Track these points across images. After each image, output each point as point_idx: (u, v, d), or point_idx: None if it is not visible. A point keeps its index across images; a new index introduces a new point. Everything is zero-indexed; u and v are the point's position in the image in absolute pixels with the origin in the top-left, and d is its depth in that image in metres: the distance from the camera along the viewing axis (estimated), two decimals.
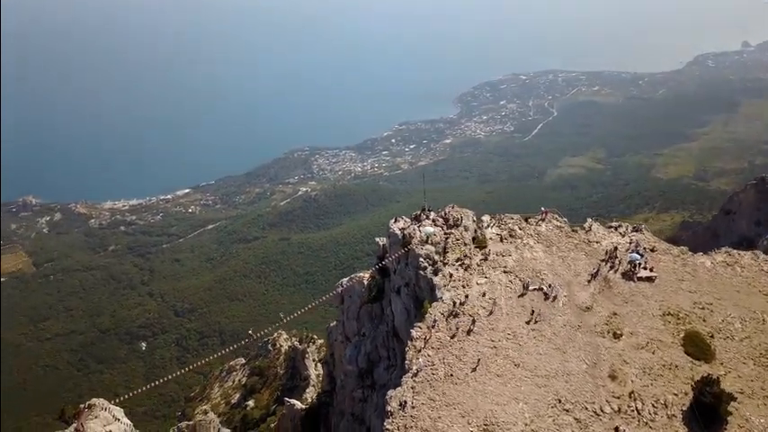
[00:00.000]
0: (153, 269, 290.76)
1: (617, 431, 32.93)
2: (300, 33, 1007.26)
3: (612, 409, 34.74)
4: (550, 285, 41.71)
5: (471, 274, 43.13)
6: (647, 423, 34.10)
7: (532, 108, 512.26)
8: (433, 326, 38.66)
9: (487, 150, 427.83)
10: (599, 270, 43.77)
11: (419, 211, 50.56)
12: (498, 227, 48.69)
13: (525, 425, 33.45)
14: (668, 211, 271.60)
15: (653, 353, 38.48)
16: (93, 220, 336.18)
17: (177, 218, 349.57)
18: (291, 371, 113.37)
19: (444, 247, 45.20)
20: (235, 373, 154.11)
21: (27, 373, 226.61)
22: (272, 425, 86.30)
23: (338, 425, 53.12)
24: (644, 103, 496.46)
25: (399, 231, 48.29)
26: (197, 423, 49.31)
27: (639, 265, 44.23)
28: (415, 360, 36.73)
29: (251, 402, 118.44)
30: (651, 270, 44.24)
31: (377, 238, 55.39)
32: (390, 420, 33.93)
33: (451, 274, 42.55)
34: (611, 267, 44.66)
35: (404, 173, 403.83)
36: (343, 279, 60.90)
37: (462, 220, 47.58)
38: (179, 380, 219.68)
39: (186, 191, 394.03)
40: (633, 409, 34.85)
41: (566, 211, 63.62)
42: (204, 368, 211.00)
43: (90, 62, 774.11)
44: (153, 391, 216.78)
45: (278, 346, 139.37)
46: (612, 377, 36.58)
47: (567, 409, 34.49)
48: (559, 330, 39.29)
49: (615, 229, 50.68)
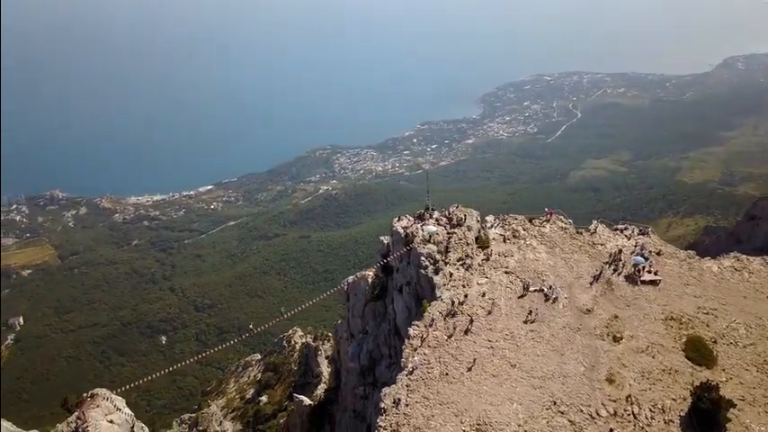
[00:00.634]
0: (174, 264, 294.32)
1: None
2: (325, 32, 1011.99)
3: (608, 412, 34.42)
4: (551, 287, 41.48)
5: (472, 273, 43.11)
6: (643, 428, 33.72)
7: (556, 109, 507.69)
8: (430, 324, 38.75)
9: (510, 151, 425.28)
10: (602, 272, 43.39)
11: (423, 210, 50.70)
12: (502, 227, 48.58)
13: (518, 425, 33.31)
14: (693, 215, 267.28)
15: (653, 357, 38.05)
16: (118, 215, 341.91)
17: (199, 214, 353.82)
18: (304, 368, 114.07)
19: (446, 247, 45.22)
20: (250, 369, 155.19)
21: (51, 363, 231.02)
22: (281, 420, 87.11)
23: (341, 421, 53.49)
24: (671, 106, 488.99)
25: (402, 230, 48.45)
26: (199, 415, 50.05)
27: (644, 268, 43.76)
28: (410, 358, 36.84)
29: (264, 398, 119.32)
30: (655, 273, 43.73)
31: (381, 237, 55.66)
32: (383, 417, 34.10)
33: (452, 274, 42.59)
34: (614, 270, 44.27)
35: (425, 173, 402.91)
36: (349, 277, 61.31)
37: (466, 220, 47.54)
38: (197, 374, 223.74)
39: (209, 187, 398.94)
40: (629, 413, 34.49)
41: (587, 214, 63.36)
42: (223, 363, 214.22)
43: (118, 60, 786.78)
44: (172, 385, 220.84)
45: (293, 342, 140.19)
46: (610, 380, 36.25)
47: (562, 411, 34.27)
48: (558, 332, 39.07)
49: (621, 231, 50.16)
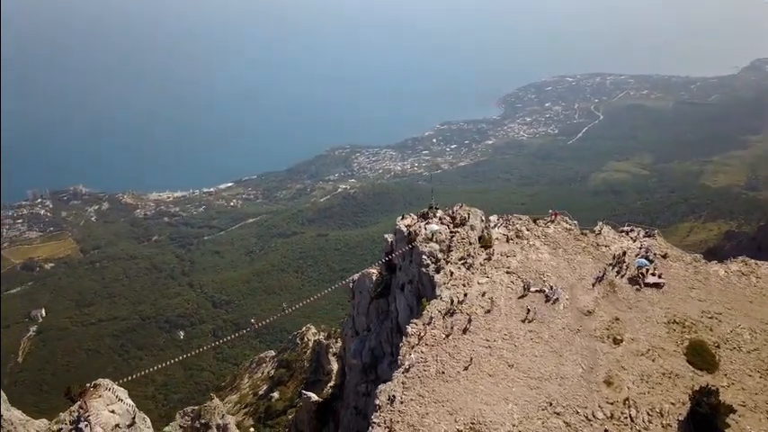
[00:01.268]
0: (194, 260, 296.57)
1: None
2: (347, 32, 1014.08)
3: (605, 414, 34.17)
4: (552, 288, 41.24)
5: (473, 273, 43.02)
6: (640, 431, 33.49)
7: (578, 111, 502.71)
8: (429, 323, 38.77)
9: (530, 152, 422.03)
10: (605, 274, 43.02)
11: (426, 209, 50.70)
12: (505, 227, 48.41)
13: (513, 425, 33.21)
14: (716, 220, 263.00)
15: (653, 360, 37.68)
16: (139, 211, 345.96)
17: (219, 211, 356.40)
18: (315, 365, 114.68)
19: (449, 246, 45.19)
20: (264, 365, 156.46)
21: (71, 355, 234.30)
22: (290, 416, 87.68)
23: (344, 418, 53.73)
24: (695, 108, 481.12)
25: (405, 228, 48.54)
26: (202, 408, 50.66)
27: (647, 270, 43.29)
28: (407, 356, 36.91)
29: (276, 394, 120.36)
30: (659, 276, 43.26)
31: (385, 235, 55.76)
32: (378, 414, 34.24)
33: (452, 273, 42.55)
34: (617, 272, 43.87)
35: (443, 173, 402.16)
36: (355, 274, 61.51)
37: (469, 219, 47.45)
38: (214, 369, 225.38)
39: (229, 185, 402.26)
40: (626, 416, 34.21)
41: (607, 218, 62.80)
42: (239, 359, 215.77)
43: (143, 59, 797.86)
44: (189, 380, 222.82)
45: (306, 340, 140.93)
46: (608, 383, 35.97)
47: (558, 413, 34.09)
48: (557, 333, 38.85)
49: (627, 233, 49.66)
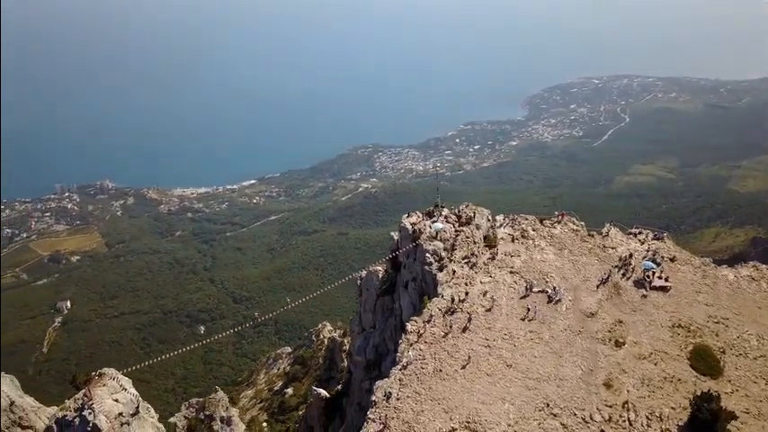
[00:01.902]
0: (215, 256, 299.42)
1: None
2: (374, 31, 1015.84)
3: (603, 417, 33.86)
4: (555, 288, 40.91)
5: (476, 272, 42.87)
6: None
7: (604, 113, 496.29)
8: (429, 321, 38.77)
9: (554, 154, 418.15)
10: (610, 276, 42.53)
11: (432, 207, 50.67)
12: (511, 227, 48.15)
13: (509, 425, 33.07)
14: (743, 226, 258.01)
15: (655, 364, 37.19)
16: (163, 206, 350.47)
17: (242, 207, 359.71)
18: (329, 362, 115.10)
19: (453, 244, 45.11)
20: (280, 361, 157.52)
21: (95, 347, 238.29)
22: (300, 412, 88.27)
23: (349, 414, 53.97)
24: (724, 112, 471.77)
25: (410, 226, 48.56)
26: (206, 400, 51.35)
27: (654, 273, 42.68)
28: (405, 353, 36.97)
29: (290, 390, 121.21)
30: (666, 280, 42.63)
31: (392, 232, 55.83)
32: (373, 410, 34.36)
33: (455, 271, 42.45)
34: (623, 274, 43.33)
35: (466, 173, 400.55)
36: (362, 272, 61.71)
37: (475, 219, 47.29)
38: (233, 364, 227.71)
39: (252, 182, 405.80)
40: (625, 420, 33.86)
41: (631, 221, 62.16)
42: (258, 354, 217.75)
43: (168, 57, 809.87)
44: (208, 374, 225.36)
45: (321, 337, 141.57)
46: (608, 385, 35.62)
47: (555, 414, 33.86)
48: (558, 334, 38.54)
49: (635, 236, 48.97)
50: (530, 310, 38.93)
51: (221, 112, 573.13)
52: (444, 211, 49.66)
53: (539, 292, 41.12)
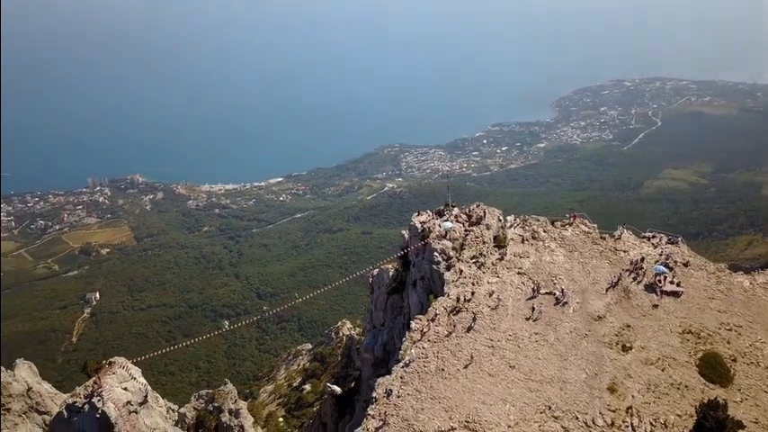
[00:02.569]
0: (241, 252, 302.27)
1: None
2: (404, 30, 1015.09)
3: (605, 422, 33.43)
4: (563, 290, 40.47)
5: (484, 272, 42.64)
6: None
7: (635, 116, 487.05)
8: (433, 319, 38.71)
9: (583, 157, 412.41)
10: (620, 280, 41.90)
11: (443, 206, 50.52)
12: (522, 228, 47.73)
13: (509, 426, 32.87)
14: None
15: (662, 370, 36.56)
16: (191, 201, 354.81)
17: (268, 205, 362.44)
18: (346, 360, 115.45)
19: (462, 244, 44.94)
20: (300, 358, 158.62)
21: (121, 338, 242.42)
22: (315, 408, 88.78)
23: (358, 411, 54.19)
24: (760, 117, 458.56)
25: (420, 225, 48.50)
26: (216, 392, 52.06)
27: (665, 278, 41.91)
28: (408, 351, 36.98)
29: (307, 386, 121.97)
30: (678, 285, 41.81)
31: (402, 231, 55.82)
32: (373, 407, 34.47)
33: (462, 271, 42.28)
34: (634, 278, 42.64)
35: (493, 175, 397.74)
36: (375, 270, 61.80)
37: (485, 218, 47.02)
38: (256, 360, 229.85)
39: (279, 179, 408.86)
40: (628, 425, 33.40)
41: (660, 227, 61.33)
42: (280, 350, 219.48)
43: (200, 56, 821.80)
44: (231, 369, 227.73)
45: (340, 335, 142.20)
46: (612, 390, 35.14)
47: (556, 417, 33.55)
48: (564, 337, 38.14)
49: (648, 239, 48.11)
50: (534, 309, 38.58)
51: (251, 110, 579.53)
52: (455, 211, 49.50)
53: (546, 293, 40.73)
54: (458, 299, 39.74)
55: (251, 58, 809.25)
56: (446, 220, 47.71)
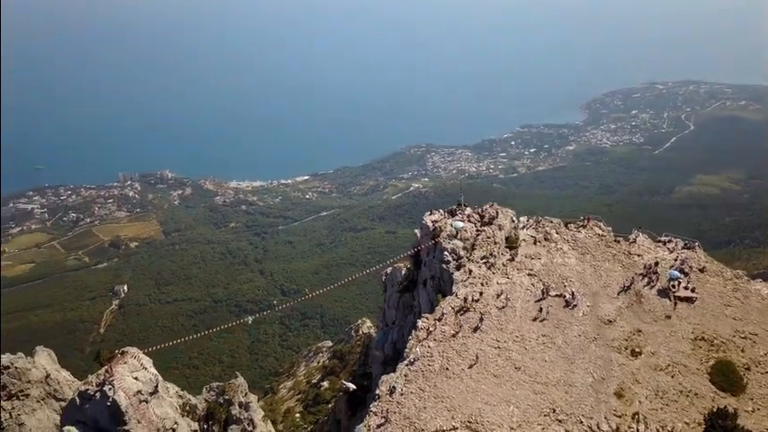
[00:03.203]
0: (267, 248, 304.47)
1: None
2: (431, 31, 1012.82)
3: (610, 427, 33.01)
4: (573, 293, 40.00)
5: (494, 273, 42.38)
6: None
7: (667, 120, 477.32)
8: (440, 319, 38.64)
9: (612, 160, 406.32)
10: (632, 284, 41.24)
11: (455, 205, 50.32)
12: (535, 229, 47.28)
13: (511, 428, 32.65)
14: None
15: (672, 377, 35.92)
16: (219, 197, 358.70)
17: (294, 202, 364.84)
18: (364, 357, 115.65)
19: (473, 244, 44.71)
20: (320, 355, 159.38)
21: (147, 331, 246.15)
22: (329, 405, 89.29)
23: (368, 408, 54.27)
24: None
25: (431, 224, 48.41)
26: (226, 385, 52.74)
27: (679, 283, 41.11)
28: (413, 349, 36.97)
29: (326, 383, 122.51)
30: (693, 291, 40.97)
31: (415, 230, 55.77)
32: (376, 404, 34.59)
33: (471, 271, 42.07)
34: (647, 283, 41.91)
35: (520, 176, 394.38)
36: (388, 268, 61.85)
37: (498, 219, 46.72)
38: (278, 355, 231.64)
39: (306, 177, 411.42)
40: (633, 431, 32.96)
41: (690, 233, 60.36)
42: (303, 347, 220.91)
43: (234, 52, 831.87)
44: (254, 364, 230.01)
45: (360, 333, 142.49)
46: (619, 395, 34.66)
47: (560, 420, 33.23)
48: (572, 340, 37.71)
49: (664, 243, 47.21)
50: (542, 310, 38.22)
51: (280, 108, 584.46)
52: (467, 210, 49.29)
53: (556, 296, 40.30)
54: (465, 299, 39.59)
55: (281, 55, 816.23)
56: (458, 220, 47.54)
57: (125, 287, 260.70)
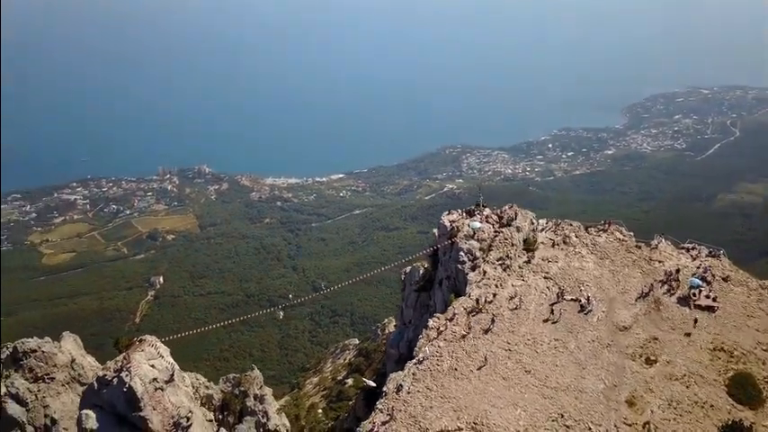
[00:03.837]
0: (300, 245, 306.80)
1: None
2: (472, 30, 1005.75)
3: None
4: (588, 298, 39.30)
5: (509, 274, 41.94)
6: None
7: (711, 125, 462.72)
8: (451, 319, 38.45)
9: (652, 166, 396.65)
10: (651, 290, 40.29)
11: (473, 206, 49.96)
12: (554, 232, 46.60)
13: (517, 431, 32.38)
14: None
15: (687, 387, 34.98)
16: (255, 193, 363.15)
17: (328, 200, 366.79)
18: (387, 356, 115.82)
19: (490, 245, 44.32)
20: (347, 352, 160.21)
21: (181, 322, 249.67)
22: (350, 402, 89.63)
23: None
24: None
25: (449, 223, 48.15)
26: (242, 377, 53.47)
27: (700, 291, 39.99)
28: (423, 348, 36.89)
29: (350, 381, 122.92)
30: (714, 300, 39.82)
31: (434, 229, 55.55)
32: (382, 401, 34.63)
33: (486, 272, 41.71)
34: (668, 290, 40.88)
35: (556, 180, 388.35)
36: (407, 267, 61.78)
37: (516, 220, 46.19)
38: (308, 351, 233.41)
39: (340, 175, 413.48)
40: None
41: (731, 242, 58.94)
42: (332, 344, 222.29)
43: (274, 50, 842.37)
44: (284, 359, 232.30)
45: (386, 331, 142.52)
46: (630, 403, 33.95)
47: (568, 426, 32.71)
48: (585, 345, 37.06)
49: (687, 251, 45.95)
50: (553, 311, 37.63)
51: (316, 107, 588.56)
52: (486, 211, 48.89)
53: (571, 300, 39.66)
54: (478, 300, 39.28)
55: (320, 57, 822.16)
56: (475, 221, 47.20)
57: (161, 278, 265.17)
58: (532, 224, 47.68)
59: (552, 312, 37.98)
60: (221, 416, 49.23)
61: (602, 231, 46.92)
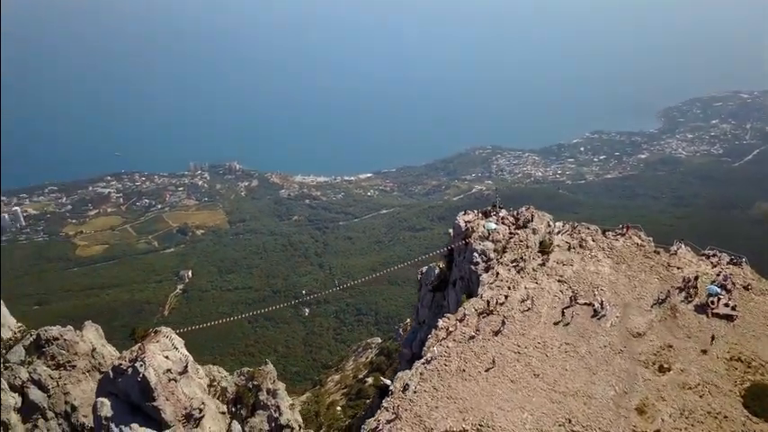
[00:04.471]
0: (327, 243, 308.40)
1: None
2: (505, 32, 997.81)
3: None
4: (602, 302, 38.63)
5: (523, 277, 41.47)
6: None
7: (750, 131, 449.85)
8: (461, 319, 38.19)
9: (687, 171, 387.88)
10: (668, 297, 39.40)
11: (489, 207, 49.51)
12: (570, 235, 45.87)
13: None
14: None
15: (700, 396, 34.11)
16: (284, 191, 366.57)
17: (356, 199, 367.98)
18: None
19: (504, 246, 43.89)
20: (369, 351, 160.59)
21: (208, 316, 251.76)
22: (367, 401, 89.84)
23: None
24: None
25: (464, 224, 47.81)
26: (256, 371, 53.97)
27: (719, 299, 38.96)
28: (431, 348, 36.74)
29: (370, 379, 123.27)
30: (733, 308, 38.74)
31: (449, 229, 55.23)
32: (388, 399, 34.62)
33: (498, 273, 41.32)
34: (685, 297, 39.93)
35: (587, 183, 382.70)
36: (424, 267, 61.58)
37: (533, 222, 45.64)
38: (332, 348, 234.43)
39: (368, 175, 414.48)
40: None
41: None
42: (357, 342, 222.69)
43: (306, 52, 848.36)
44: (308, 356, 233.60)
45: (408, 330, 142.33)
46: (641, 411, 33.25)
47: (575, 431, 32.27)
48: (596, 350, 36.45)
49: (707, 257, 44.78)
50: (564, 314, 37.08)
51: (346, 107, 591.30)
52: (502, 212, 48.42)
53: (584, 304, 39.03)
54: (489, 301, 38.95)
55: (349, 55, 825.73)
56: (491, 222, 46.79)
57: (190, 272, 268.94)
58: (549, 226, 47.07)
59: (563, 315, 37.36)
60: (234, 408, 49.85)
61: (619, 235, 46.06)
